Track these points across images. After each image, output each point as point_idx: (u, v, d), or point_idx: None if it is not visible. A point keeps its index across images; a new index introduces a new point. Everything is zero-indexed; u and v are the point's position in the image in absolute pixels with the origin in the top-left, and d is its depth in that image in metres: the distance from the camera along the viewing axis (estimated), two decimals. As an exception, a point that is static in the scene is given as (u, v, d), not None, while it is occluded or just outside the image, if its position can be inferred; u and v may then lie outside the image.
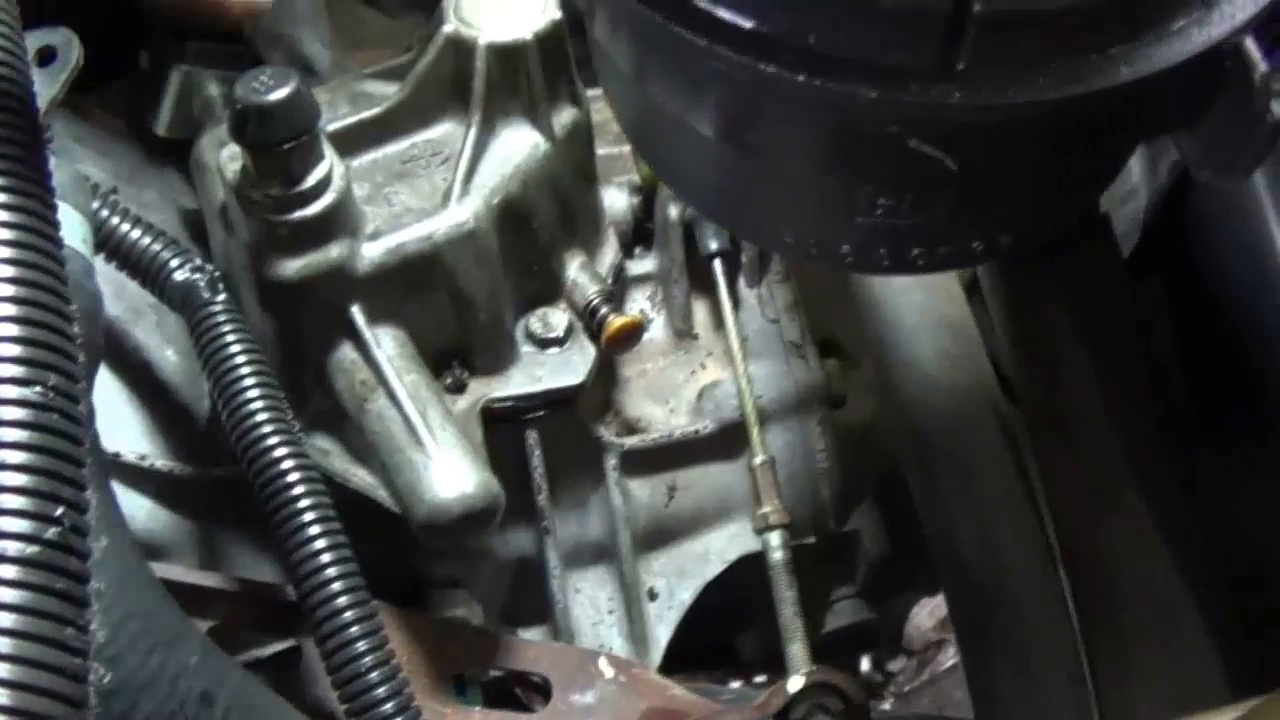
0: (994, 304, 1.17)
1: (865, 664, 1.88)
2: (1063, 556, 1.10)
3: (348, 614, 1.00)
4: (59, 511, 0.74)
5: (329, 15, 1.52)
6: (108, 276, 1.13)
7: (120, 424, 1.20)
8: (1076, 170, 0.79)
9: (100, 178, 1.27)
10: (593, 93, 1.20)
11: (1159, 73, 0.67)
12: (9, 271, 0.77)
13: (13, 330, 0.76)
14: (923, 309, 1.19)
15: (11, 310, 0.76)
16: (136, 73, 1.34)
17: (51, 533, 0.73)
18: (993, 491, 1.13)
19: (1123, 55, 0.66)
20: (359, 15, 1.58)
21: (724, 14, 0.65)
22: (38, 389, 0.75)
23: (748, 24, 0.65)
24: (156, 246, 1.12)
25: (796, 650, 1.22)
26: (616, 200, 1.33)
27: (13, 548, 0.70)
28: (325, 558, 1.01)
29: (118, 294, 1.19)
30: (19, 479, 0.72)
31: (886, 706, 1.97)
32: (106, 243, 1.11)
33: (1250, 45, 0.70)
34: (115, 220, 1.11)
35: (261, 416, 1.05)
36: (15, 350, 0.75)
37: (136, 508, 1.19)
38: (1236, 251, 1.06)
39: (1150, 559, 1.05)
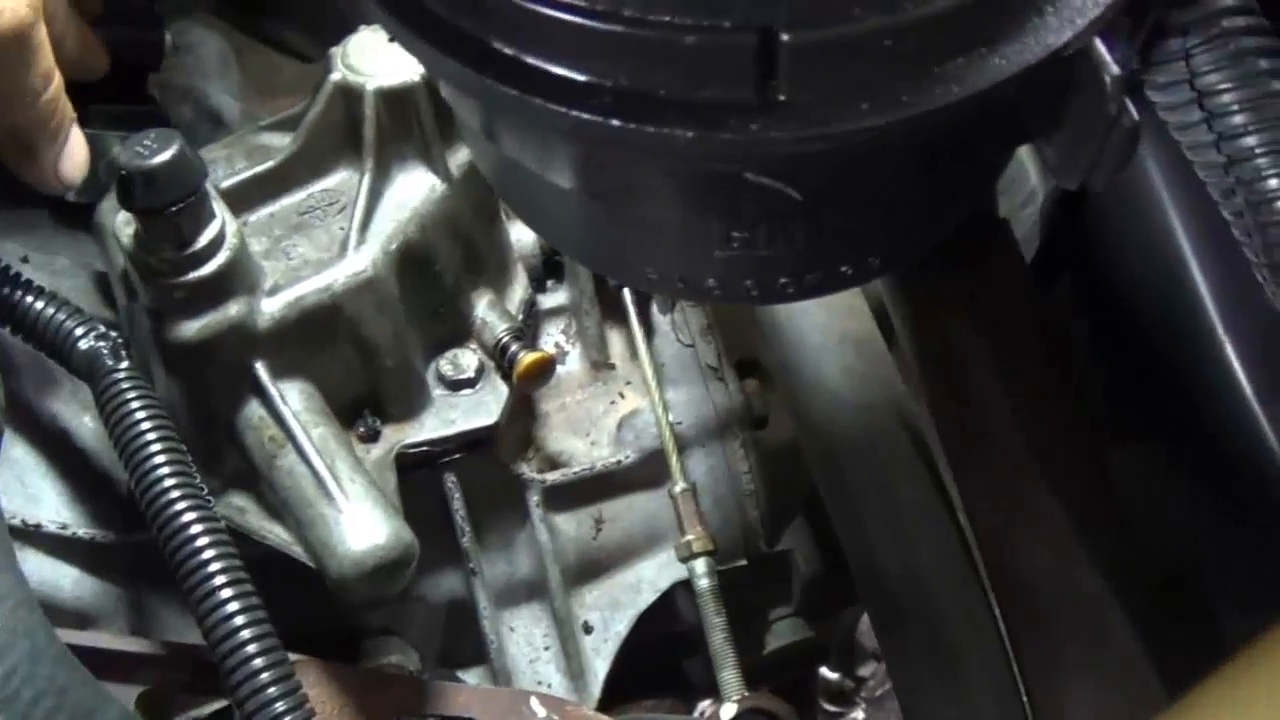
0: (896, 319, 1.16)
1: (833, 674, 1.87)
2: (986, 571, 1.09)
3: (264, 675, 0.99)
4: None
5: (239, 65, 1.51)
6: (20, 347, 1.13)
7: (40, 494, 1.20)
8: (936, 187, 0.78)
9: (10, 247, 1.27)
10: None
11: (993, 86, 0.65)
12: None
13: None
14: (825, 328, 1.18)
15: None
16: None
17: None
18: (909, 509, 1.13)
19: (952, 73, 0.64)
20: (272, 63, 1.57)
21: (533, 61, 0.64)
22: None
23: (558, 70, 0.64)
24: (60, 316, 1.11)
25: (728, 677, 1.22)
26: (524, 235, 1.31)
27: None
28: (238, 620, 1.00)
29: (33, 362, 1.18)
30: None
31: (859, 714, 1.97)
32: (10, 316, 1.10)
33: (1100, 48, 0.68)
34: (17, 294, 1.11)
35: (168, 483, 1.04)
36: None
37: (62, 577, 1.19)
38: (1139, 247, 1.05)
39: (1073, 567, 1.04)
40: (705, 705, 1.39)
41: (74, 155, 1.18)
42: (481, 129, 0.77)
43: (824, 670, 1.90)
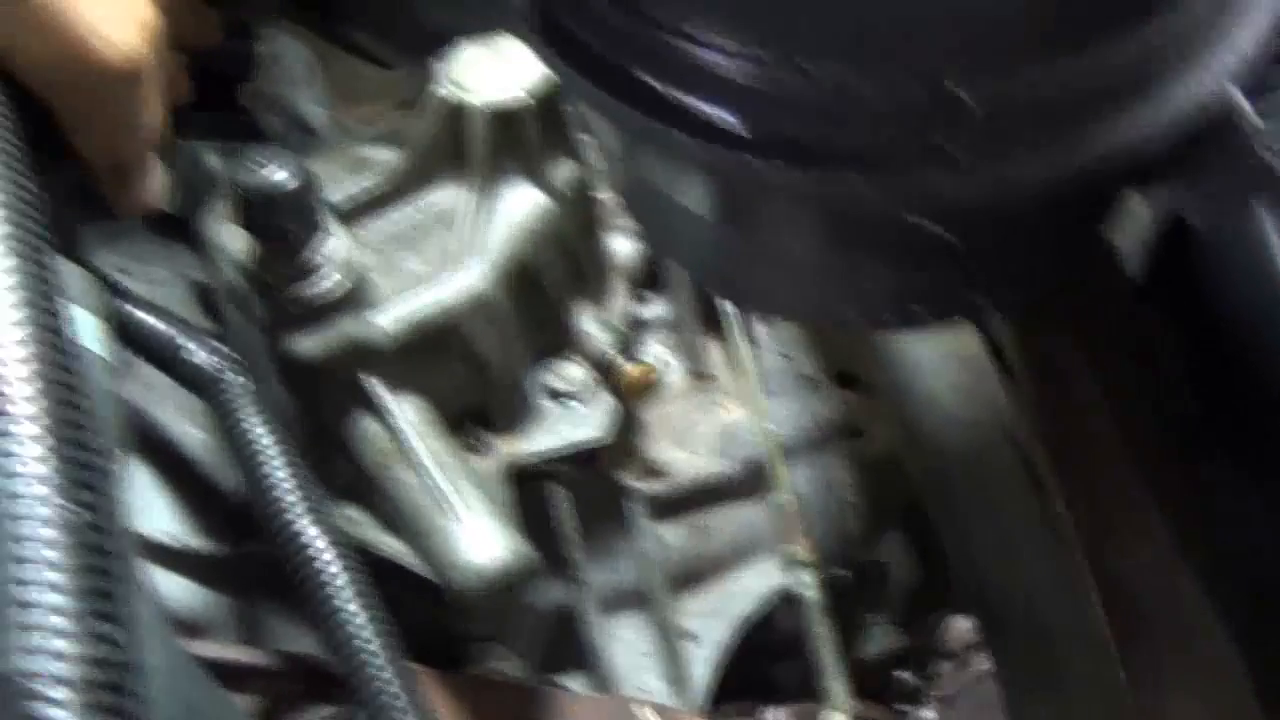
0: (1001, 334, 1.17)
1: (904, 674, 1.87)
2: (1091, 582, 1.10)
3: (396, 685, 1.02)
4: (107, 630, 0.75)
5: (324, 72, 1.53)
6: (123, 358, 1.14)
7: (151, 506, 1.21)
8: (1071, 225, 0.80)
9: (108, 258, 1.29)
10: (594, 137, 1.20)
11: (1151, 137, 0.67)
12: (31, 409, 0.78)
13: (43, 469, 0.76)
14: (933, 344, 1.19)
15: (39, 450, 0.77)
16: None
17: (100, 652, 0.74)
18: (1015, 521, 1.14)
19: (1110, 127, 0.66)
20: (354, 69, 1.58)
21: (711, 110, 0.66)
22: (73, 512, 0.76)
23: (731, 116, 0.65)
24: (171, 331, 1.13)
25: (833, 686, 1.23)
26: (624, 246, 1.32)
27: (62, 673, 0.71)
28: (367, 631, 1.02)
29: (134, 374, 1.20)
30: (59, 600, 0.73)
31: (930, 713, 1.97)
32: (121, 330, 1.12)
33: (1237, 95, 0.70)
34: (128, 307, 1.13)
35: (290, 498, 1.06)
36: (46, 490, 0.76)
37: (174, 588, 1.20)
38: (1240, 272, 1.06)
39: (1176, 580, 1.05)
40: (771, 712, 1.40)
41: (155, 182, 1.20)
42: (627, 157, 0.79)
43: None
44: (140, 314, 1.13)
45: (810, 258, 0.78)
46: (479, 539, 1.10)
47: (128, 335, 1.12)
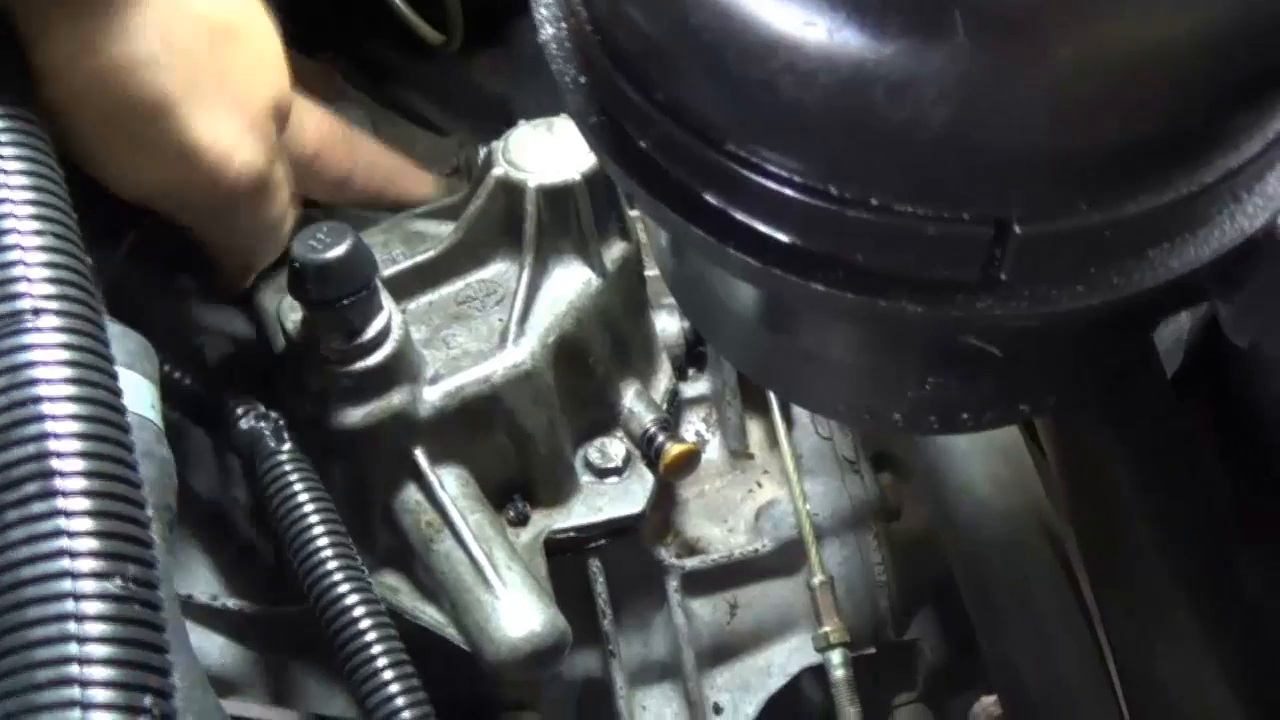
0: (1039, 427, 1.19)
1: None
2: (1120, 678, 1.12)
3: None
4: (147, 702, 0.77)
5: (379, 137, 1.54)
6: (170, 419, 1.16)
7: (191, 565, 1.23)
8: (1115, 338, 0.81)
9: (162, 319, 1.30)
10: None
11: (1196, 268, 0.68)
12: (81, 465, 0.80)
13: (88, 524, 0.79)
14: (973, 434, 1.20)
15: (86, 504, 0.79)
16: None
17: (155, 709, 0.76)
18: (1049, 615, 1.15)
19: (1158, 258, 0.67)
20: (407, 134, 1.60)
21: (766, 229, 0.67)
22: (117, 581, 0.78)
23: (791, 239, 0.67)
24: (218, 396, 1.15)
25: (860, 764, 1.25)
26: (668, 325, 1.35)
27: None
28: (395, 691, 1.04)
29: (181, 435, 1.21)
30: (106, 672, 0.75)
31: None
32: (170, 393, 1.13)
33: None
34: (178, 373, 1.14)
35: (331, 565, 1.08)
36: (93, 544, 0.78)
37: (210, 645, 1.22)
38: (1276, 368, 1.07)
39: (1205, 679, 1.06)
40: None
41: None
42: (675, 253, 0.80)
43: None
44: (189, 378, 1.15)
45: (856, 364, 0.79)
46: (515, 612, 1.11)
47: (178, 399, 1.14)
